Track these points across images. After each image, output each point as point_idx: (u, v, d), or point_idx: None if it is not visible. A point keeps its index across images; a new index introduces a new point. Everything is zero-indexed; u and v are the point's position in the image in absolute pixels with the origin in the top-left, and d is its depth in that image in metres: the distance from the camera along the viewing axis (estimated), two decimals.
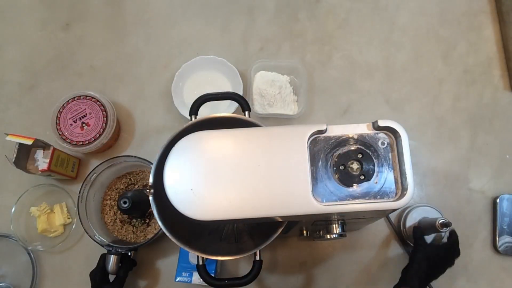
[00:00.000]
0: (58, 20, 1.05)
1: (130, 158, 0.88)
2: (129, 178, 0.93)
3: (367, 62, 1.01)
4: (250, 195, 0.56)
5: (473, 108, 0.98)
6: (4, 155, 0.82)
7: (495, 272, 0.89)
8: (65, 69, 1.01)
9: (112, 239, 0.88)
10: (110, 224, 0.91)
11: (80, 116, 0.90)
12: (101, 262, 0.81)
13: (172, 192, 0.57)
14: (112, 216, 0.91)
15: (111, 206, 0.92)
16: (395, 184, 0.58)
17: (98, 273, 0.80)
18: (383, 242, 0.90)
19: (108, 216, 0.91)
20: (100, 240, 0.84)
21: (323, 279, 0.89)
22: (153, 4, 1.06)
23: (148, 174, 0.89)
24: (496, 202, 0.90)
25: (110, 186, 0.93)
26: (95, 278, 0.80)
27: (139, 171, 0.93)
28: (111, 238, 0.88)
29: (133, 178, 0.93)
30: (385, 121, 0.58)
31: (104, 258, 0.82)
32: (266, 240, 0.70)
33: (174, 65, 0.99)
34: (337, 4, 1.05)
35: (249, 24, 1.04)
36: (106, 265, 0.81)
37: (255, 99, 0.95)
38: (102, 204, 0.92)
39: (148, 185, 0.71)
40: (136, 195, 0.82)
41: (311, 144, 0.59)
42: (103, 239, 0.85)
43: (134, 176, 0.93)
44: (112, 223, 0.91)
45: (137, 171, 0.93)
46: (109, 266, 0.81)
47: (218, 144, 0.59)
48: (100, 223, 0.90)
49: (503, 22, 1.01)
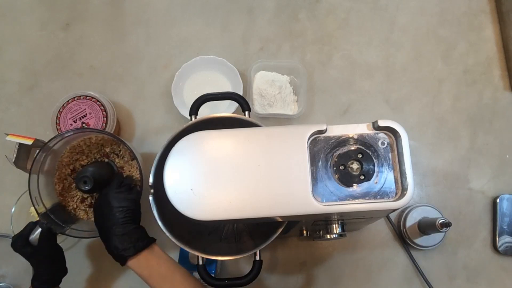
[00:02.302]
0: (58, 20, 1.05)
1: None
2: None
3: (367, 62, 1.01)
4: (250, 195, 0.56)
5: (473, 108, 0.98)
6: (4, 155, 0.82)
7: (495, 272, 0.89)
8: (65, 69, 1.01)
9: (54, 202, 0.82)
10: (59, 188, 0.84)
11: (80, 116, 0.90)
12: (26, 230, 0.74)
13: (172, 192, 0.57)
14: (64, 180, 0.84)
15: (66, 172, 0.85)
16: (395, 184, 0.58)
17: (19, 239, 0.74)
18: (383, 242, 0.90)
19: (60, 181, 0.84)
20: (39, 205, 0.78)
21: (323, 279, 0.89)
22: (153, 4, 1.06)
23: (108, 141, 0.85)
24: (496, 202, 0.90)
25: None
26: (15, 243, 0.74)
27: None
28: (54, 201, 0.82)
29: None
30: (385, 121, 0.58)
31: (31, 229, 0.74)
32: (266, 240, 0.70)
33: (174, 65, 0.99)
34: (337, 4, 1.05)
35: (249, 24, 1.04)
36: (30, 235, 0.74)
37: (255, 99, 0.95)
38: (59, 164, 0.85)
39: (133, 181, 0.69)
40: (97, 171, 0.75)
41: (311, 144, 0.59)
42: (44, 203, 0.79)
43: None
44: (61, 190, 0.84)
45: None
46: (32, 236, 0.74)
47: (218, 144, 0.59)
48: (49, 184, 0.83)
49: (503, 22, 1.01)
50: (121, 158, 0.86)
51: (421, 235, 0.87)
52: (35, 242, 0.74)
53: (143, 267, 0.68)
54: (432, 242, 0.88)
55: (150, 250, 0.69)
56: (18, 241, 0.74)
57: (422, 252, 0.89)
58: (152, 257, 0.69)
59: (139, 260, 0.67)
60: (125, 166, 0.85)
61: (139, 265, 0.67)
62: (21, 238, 0.74)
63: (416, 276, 0.88)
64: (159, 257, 0.69)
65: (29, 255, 0.74)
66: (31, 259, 0.74)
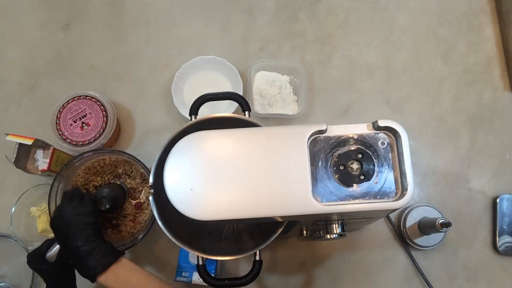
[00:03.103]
0: (58, 20, 1.05)
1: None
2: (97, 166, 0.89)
3: (367, 62, 1.01)
4: (250, 195, 0.56)
5: (473, 108, 0.98)
6: (4, 155, 0.82)
7: (495, 272, 0.89)
8: (65, 69, 1.01)
9: None
10: None
11: (80, 116, 0.90)
12: (43, 248, 0.75)
13: (172, 192, 0.57)
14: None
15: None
16: (395, 184, 0.58)
17: (35, 256, 0.74)
18: (383, 242, 0.90)
19: None
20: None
21: (323, 279, 0.89)
22: (153, 4, 1.06)
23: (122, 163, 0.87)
24: (496, 202, 0.90)
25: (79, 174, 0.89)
26: (31, 260, 0.74)
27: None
28: None
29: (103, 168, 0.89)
30: (385, 121, 0.58)
31: (48, 246, 0.75)
32: (266, 240, 0.70)
33: (174, 65, 0.99)
34: (337, 4, 1.05)
35: (249, 24, 1.04)
36: (48, 251, 0.74)
37: (255, 99, 0.95)
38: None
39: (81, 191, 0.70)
40: (111, 191, 0.77)
41: (311, 144, 0.59)
42: None
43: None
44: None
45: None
46: (49, 253, 0.74)
47: (218, 144, 0.59)
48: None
49: (503, 22, 1.01)
50: (132, 179, 0.88)
51: (421, 235, 0.87)
52: (51, 259, 0.74)
53: (113, 281, 0.69)
54: (432, 242, 0.88)
55: (118, 264, 0.69)
56: (34, 258, 0.74)
57: (422, 252, 0.89)
58: (120, 270, 0.69)
59: (107, 276, 0.68)
60: (137, 187, 0.87)
61: (108, 280, 0.68)
62: (38, 255, 0.74)
63: (416, 276, 0.88)
64: (128, 269, 0.70)
65: (45, 272, 0.75)
66: (46, 276, 0.75)
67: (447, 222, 0.79)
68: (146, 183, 0.87)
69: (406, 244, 0.89)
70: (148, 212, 0.87)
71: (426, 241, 0.88)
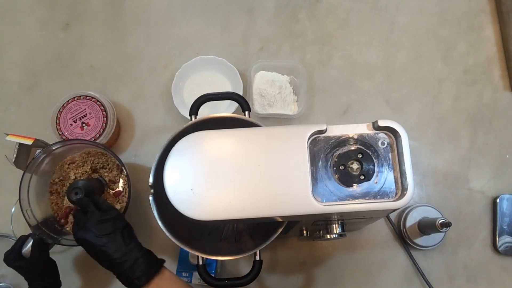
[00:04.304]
0: (58, 20, 1.05)
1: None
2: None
3: (367, 62, 1.01)
4: (250, 195, 0.56)
5: (473, 108, 0.98)
6: (4, 155, 0.82)
7: (495, 272, 0.89)
8: (65, 69, 1.01)
9: (46, 215, 0.84)
10: (54, 203, 0.87)
11: (80, 116, 0.90)
12: (17, 244, 0.74)
13: (172, 192, 0.57)
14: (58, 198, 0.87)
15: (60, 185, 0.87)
16: (395, 184, 0.58)
17: (11, 253, 0.73)
18: (383, 242, 0.90)
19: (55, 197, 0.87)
20: (31, 217, 0.79)
21: (323, 279, 0.89)
22: (153, 4, 1.06)
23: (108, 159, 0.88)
24: (496, 202, 0.90)
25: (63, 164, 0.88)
26: (7, 257, 0.73)
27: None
28: (45, 214, 0.84)
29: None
30: (385, 121, 0.58)
31: (23, 241, 0.74)
32: (266, 240, 0.70)
33: (174, 65, 0.99)
34: (337, 4, 1.05)
35: (249, 24, 1.04)
36: (23, 247, 0.74)
37: (255, 99, 0.95)
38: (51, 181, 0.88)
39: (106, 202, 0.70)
40: (89, 184, 0.76)
41: (311, 144, 0.59)
42: (35, 214, 0.80)
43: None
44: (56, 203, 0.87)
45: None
46: (25, 249, 0.73)
47: (218, 144, 0.59)
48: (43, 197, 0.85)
49: (503, 22, 1.01)
50: (109, 171, 0.88)
51: (421, 235, 0.87)
52: (27, 255, 0.73)
53: None
54: (432, 242, 0.88)
55: (161, 276, 0.67)
56: (11, 255, 0.73)
57: (422, 252, 0.89)
58: (163, 283, 0.67)
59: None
60: (114, 179, 0.87)
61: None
62: (14, 251, 0.73)
63: (416, 276, 0.89)
64: (172, 281, 0.68)
65: (22, 268, 0.73)
66: (25, 272, 0.74)
67: (447, 222, 0.79)
68: (122, 173, 0.87)
69: (406, 244, 0.89)
70: (125, 200, 0.84)
71: (426, 241, 0.88)
